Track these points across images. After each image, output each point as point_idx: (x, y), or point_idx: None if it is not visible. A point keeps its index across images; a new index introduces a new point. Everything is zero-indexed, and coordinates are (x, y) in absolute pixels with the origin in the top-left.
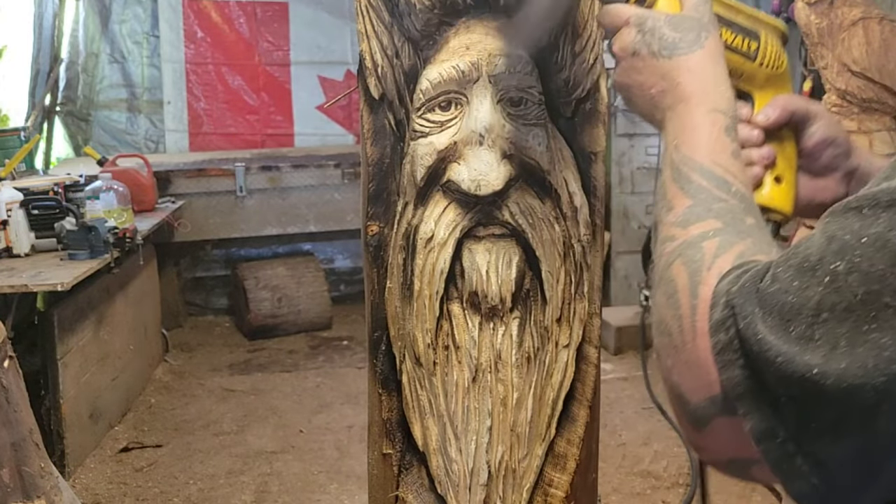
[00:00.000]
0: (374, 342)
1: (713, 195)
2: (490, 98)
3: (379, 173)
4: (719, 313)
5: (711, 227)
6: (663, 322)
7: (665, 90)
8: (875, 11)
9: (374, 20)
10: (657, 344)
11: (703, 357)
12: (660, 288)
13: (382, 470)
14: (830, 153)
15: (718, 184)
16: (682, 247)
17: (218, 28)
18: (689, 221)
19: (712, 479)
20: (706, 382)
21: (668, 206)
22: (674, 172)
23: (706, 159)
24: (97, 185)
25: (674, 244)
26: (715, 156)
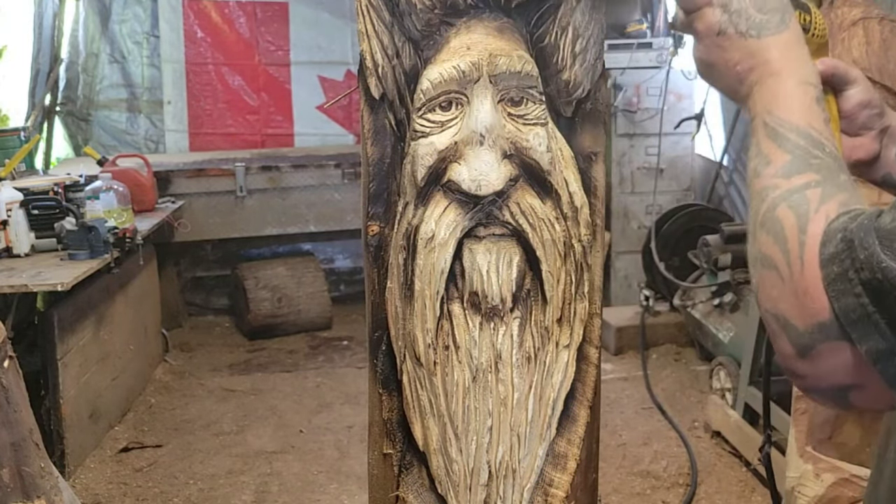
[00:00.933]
0: (375, 342)
1: (810, 152)
2: (491, 98)
3: (379, 173)
4: (833, 247)
5: (812, 178)
6: (768, 257)
7: (753, 67)
8: (875, 11)
9: (375, 20)
10: (759, 278)
11: (813, 286)
12: (763, 228)
13: (383, 470)
14: (867, 114)
15: (814, 143)
16: (786, 193)
17: (218, 28)
18: (791, 173)
19: (712, 479)
20: (814, 310)
21: (766, 161)
22: (769, 132)
23: (801, 121)
24: (97, 185)
25: (777, 192)
26: (809, 119)
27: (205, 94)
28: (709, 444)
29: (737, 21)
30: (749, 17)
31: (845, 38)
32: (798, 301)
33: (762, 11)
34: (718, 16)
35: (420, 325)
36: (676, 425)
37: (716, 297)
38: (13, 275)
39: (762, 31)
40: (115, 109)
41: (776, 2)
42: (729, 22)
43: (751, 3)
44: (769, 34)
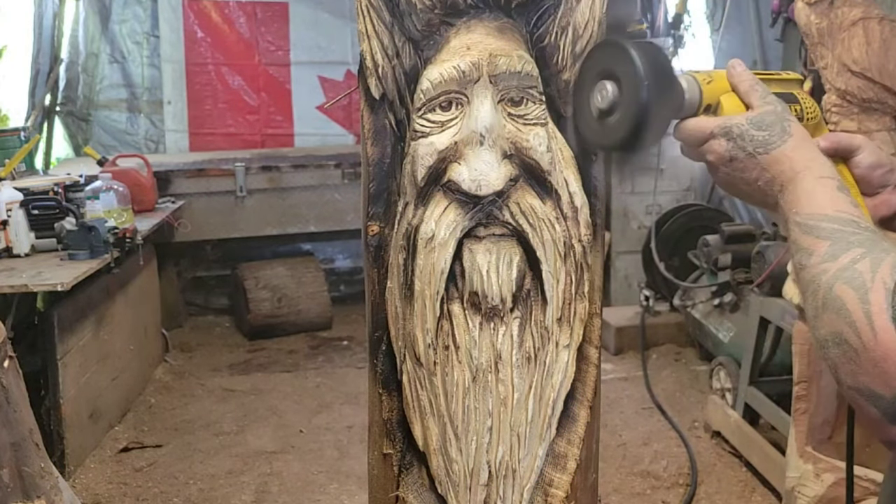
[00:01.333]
0: (375, 342)
1: (847, 232)
2: (491, 98)
3: (379, 173)
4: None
5: (857, 252)
6: (837, 334)
7: (771, 179)
8: (875, 11)
9: (375, 20)
10: (834, 358)
11: (892, 351)
12: (825, 310)
13: (383, 470)
14: (879, 174)
15: (848, 223)
16: (838, 272)
17: (218, 28)
18: (836, 255)
19: (712, 479)
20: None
21: (808, 253)
22: (803, 229)
23: (830, 210)
24: (97, 185)
25: (828, 275)
26: (837, 205)
27: (205, 94)
28: (709, 444)
29: (742, 145)
30: (752, 138)
31: (845, 38)
32: (878, 369)
33: (762, 129)
34: (724, 144)
35: (420, 325)
36: (676, 425)
37: (716, 297)
38: (13, 275)
39: (768, 146)
40: (115, 109)
41: (772, 115)
42: (736, 147)
43: (750, 125)
44: (775, 147)
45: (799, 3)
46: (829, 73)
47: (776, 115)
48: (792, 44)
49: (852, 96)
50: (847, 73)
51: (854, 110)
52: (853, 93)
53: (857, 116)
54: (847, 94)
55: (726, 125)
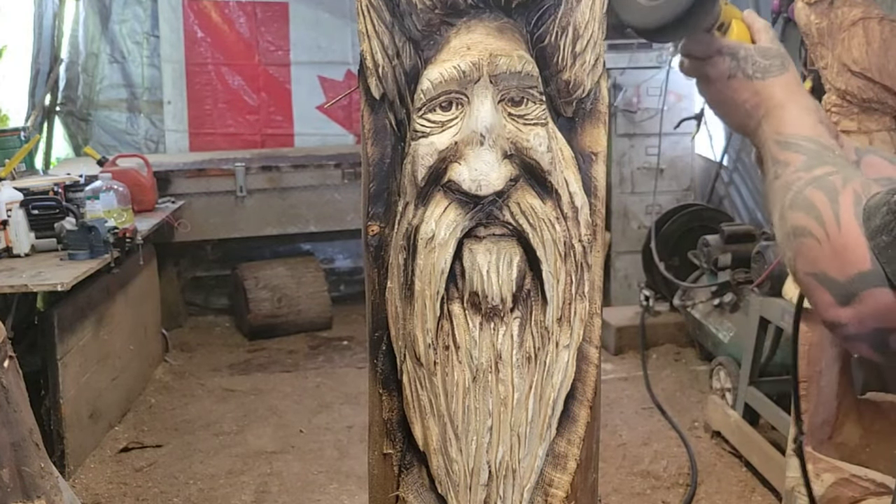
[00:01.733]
0: (375, 342)
1: (823, 153)
2: (491, 98)
3: (379, 173)
4: (880, 220)
5: (830, 169)
6: (802, 227)
7: (759, 103)
8: (875, 11)
9: (375, 20)
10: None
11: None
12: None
13: (383, 470)
14: None
15: (825, 147)
16: (810, 180)
17: (218, 28)
18: (811, 167)
19: (712, 479)
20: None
21: (784, 164)
22: (781, 145)
23: (810, 132)
24: (97, 185)
25: (801, 181)
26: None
27: (205, 94)
28: (709, 444)
29: (744, 66)
30: (755, 63)
31: (845, 38)
32: (837, 257)
33: (766, 57)
34: (728, 62)
35: (420, 325)
36: (676, 425)
37: (716, 297)
38: (13, 275)
39: (766, 73)
40: (115, 109)
41: (776, 50)
42: (737, 67)
43: (756, 51)
44: (772, 76)
45: (799, 3)
46: (829, 73)
47: (780, 52)
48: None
49: (852, 96)
50: (847, 73)
51: (854, 110)
52: (853, 93)
53: (857, 116)
54: (847, 94)
55: (735, 46)
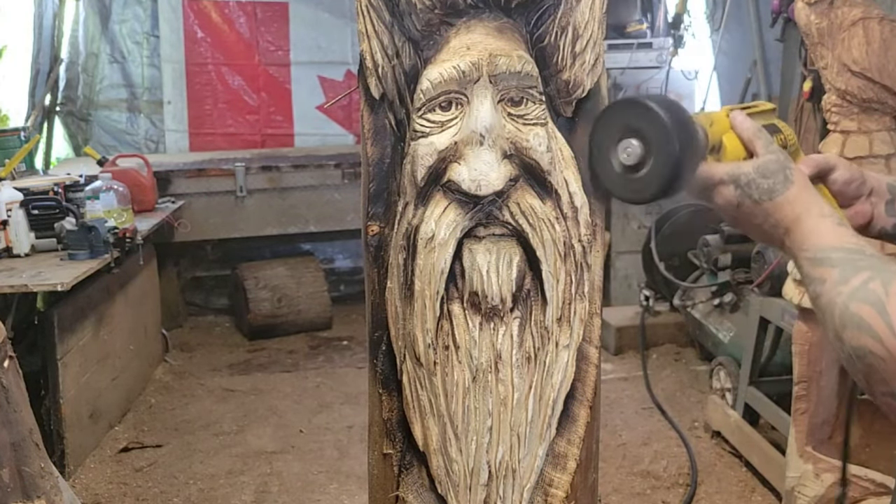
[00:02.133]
0: (375, 342)
1: (854, 258)
2: (490, 98)
3: (379, 173)
4: None
5: (867, 275)
6: (861, 348)
7: (776, 223)
8: (875, 11)
9: (375, 20)
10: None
11: None
12: (846, 328)
13: (383, 470)
14: (853, 187)
15: (853, 252)
16: (851, 293)
17: (218, 28)
18: (847, 278)
19: (712, 479)
20: None
21: (821, 281)
22: (812, 262)
23: (835, 242)
24: (97, 185)
25: (842, 297)
26: (840, 238)
27: (205, 94)
28: (709, 444)
29: (749, 192)
30: (758, 186)
31: (845, 38)
32: None
33: (767, 177)
34: (733, 191)
35: (420, 325)
36: (676, 425)
37: (716, 297)
38: (13, 275)
39: (773, 194)
40: (115, 109)
41: (775, 163)
42: (743, 194)
43: (756, 173)
44: (779, 194)
45: (799, 3)
46: (829, 73)
47: (779, 163)
48: (792, 44)
49: (852, 96)
50: (847, 73)
51: (854, 110)
52: (853, 93)
53: (857, 116)
54: (847, 94)
55: (735, 173)
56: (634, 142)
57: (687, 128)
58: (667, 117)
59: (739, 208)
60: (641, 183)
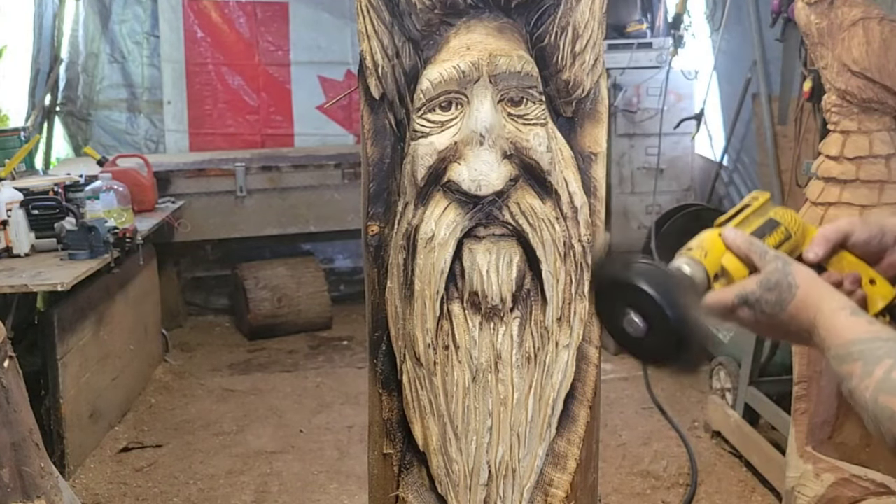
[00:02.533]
0: (375, 342)
1: (873, 348)
2: (490, 98)
3: (379, 173)
4: None
5: (889, 364)
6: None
7: (798, 329)
8: (875, 11)
9: (375, 20)
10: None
11: None
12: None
13: (383, 470)
14: (876, 243)
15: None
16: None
17: (218, 28)
18: (870, 371)
19: (712, 479)
20: None
21: (848, 377)
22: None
23: (852, 336)
24: (97, 185)
25: (869, 392)
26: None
27: (205, 94)
28: (709, 444)
29: (761, 309)
30: (767, 301)
31: (845, 38)
32: None
33: (772, 289)
34: (747, 312)
35: (420, 325)
36: (676, 425)
37: None
38: (13, 275)
39: (783, 304)
40: (115, 109)
41: (776, 273)
42: (756, 312)
43: (761, 289)
44: (788, 303)
45: (799, 3)
46: (829, 73)
47: (779, 271)
48: (792, 44)
49: (852, 96)
50: (847, 73)
51: (854, 110)
52: (853, 93)
53: (857, 116)
54: (847, 94)
55: (742, 295)
56: (636, 318)
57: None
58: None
59: (760, 325)
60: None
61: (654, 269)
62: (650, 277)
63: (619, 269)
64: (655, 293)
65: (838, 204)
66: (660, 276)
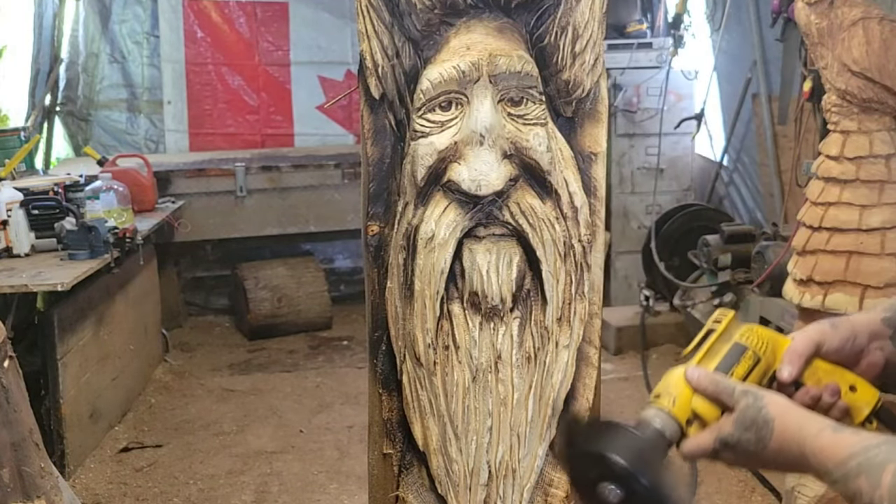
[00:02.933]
0: (375, 342)
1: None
2: (490, 98)
3: (379, 173)
4: None
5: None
6: None
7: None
8: (875, 11)
9: (375, 20)
10: None
11: None
12: None
13: (383, 470)
14: (850, 347)
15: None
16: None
17: (218, 28)
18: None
19: (712, 479)
20: None
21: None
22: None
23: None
24: (97, 185)
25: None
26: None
27: (205, 94)
28: None
29: (742, 449)
30: (747, 441)
31: (845, 38)
32: None
33: (749, 428)
34: (729, 454)
35: (420, 325)
36: None
37: (716, 297)
38: (13, 275)
39: (763, 441)
40: (115, 109)
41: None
42: (738, 453)
43: (738, 430)
44: (769, 439)
45: (799, 3)
46: (829, 73)
47: (751, 407)
48: (792, 44)
49: (852, 96)
50: (847, 73)
51: (854, 110)
52: (853, 93)
53: (857, 116)
54: (847, 94)
55: (721, 438)
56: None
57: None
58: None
59: (750, 462)
60: None
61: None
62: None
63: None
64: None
65: (838, 204)
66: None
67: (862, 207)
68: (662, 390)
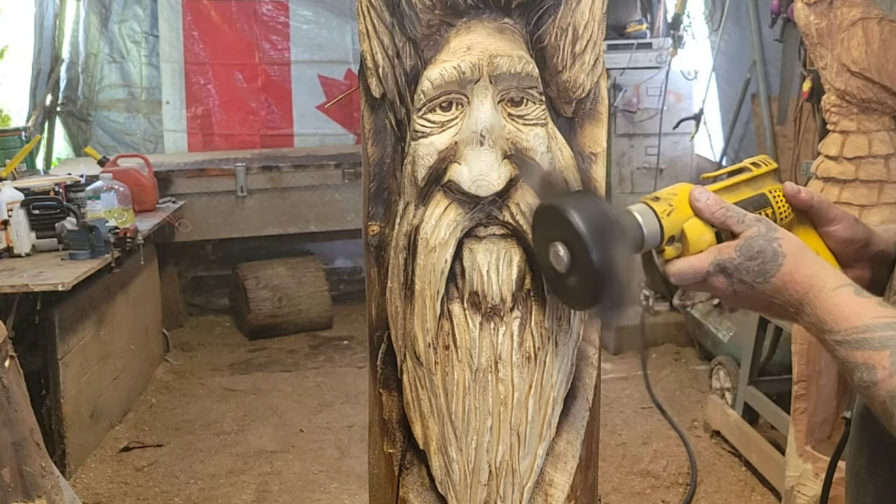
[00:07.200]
0: (375, 342)
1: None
2: (491, 98)
3: (379, 173)
4: None
5: None
6: None
7: (783, 303)
8: (875, 11)
9: (375, 20)
10: None
11: None
12: None
13: (383, 469)
14: (852, 249)
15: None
16: None
17: (218, 28)
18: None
19: (712, 479)
20: None
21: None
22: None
23: (865, 320)
24: (98, 185)
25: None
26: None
27: (204, 94)
28: (708, 444)
29: (741, 277)
30: (749, 270)
31: (845, 38)
32: None
33: (754, 258)
34: (724, 281)
35: (420, 324)
36: (676, 425)
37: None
38: (14, 275)
39: (766, 275)
40: (115, 109)
41: (759, 239)
42: (735, 281)
43: (741, 256)
44: (773, 274)
45: (798, 3)
46: (829, 73)
47: (761, 236)
48: (792, 44)
49: (852, 96)
50: (846, 73)
51: (853, 110)
52: (853, 93)
53: (856, 116)
54: (846, 94)
55: (719, 262)
56: (561, 248)
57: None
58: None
59: (738, 295)
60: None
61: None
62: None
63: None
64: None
65: (838, 204)
66: (597, 214)
67: (861, 207)
68: (665, 195)
